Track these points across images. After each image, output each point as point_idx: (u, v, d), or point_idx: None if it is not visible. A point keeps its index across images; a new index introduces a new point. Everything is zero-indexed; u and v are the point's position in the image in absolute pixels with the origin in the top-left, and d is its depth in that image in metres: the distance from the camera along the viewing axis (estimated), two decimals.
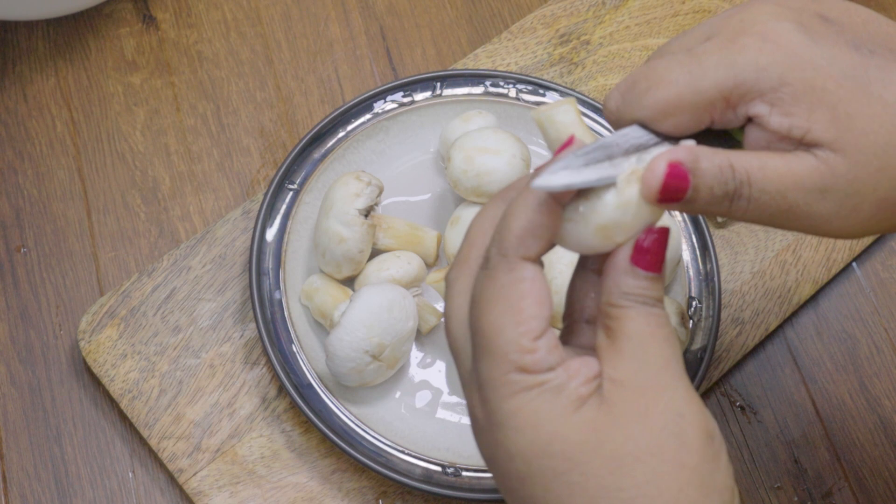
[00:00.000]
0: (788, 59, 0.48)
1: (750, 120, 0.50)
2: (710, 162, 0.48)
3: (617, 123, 0.51)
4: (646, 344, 0.47)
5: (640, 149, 0.49)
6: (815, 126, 0.48)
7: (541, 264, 0.48)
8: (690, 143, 0.49)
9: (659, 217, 0.49)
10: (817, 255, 0.82)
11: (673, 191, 0.47)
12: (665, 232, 0.48)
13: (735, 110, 0.49)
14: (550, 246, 0.48)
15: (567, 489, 0.46)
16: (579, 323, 0.51)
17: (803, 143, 0.49)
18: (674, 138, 0.50)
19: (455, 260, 0.51)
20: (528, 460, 0.46)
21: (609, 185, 0.47)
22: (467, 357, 0.49)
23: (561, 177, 0.46)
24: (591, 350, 0.49)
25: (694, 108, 0.49)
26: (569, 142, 0.48)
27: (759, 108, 0.49)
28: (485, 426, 0.48)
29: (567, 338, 0.51)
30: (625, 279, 0.47)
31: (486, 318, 0.47)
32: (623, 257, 0.47)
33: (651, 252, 0.47)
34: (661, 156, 0.47)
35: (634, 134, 0.49)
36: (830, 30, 0.49)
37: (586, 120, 0.82)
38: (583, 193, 0.48)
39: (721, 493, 0.46)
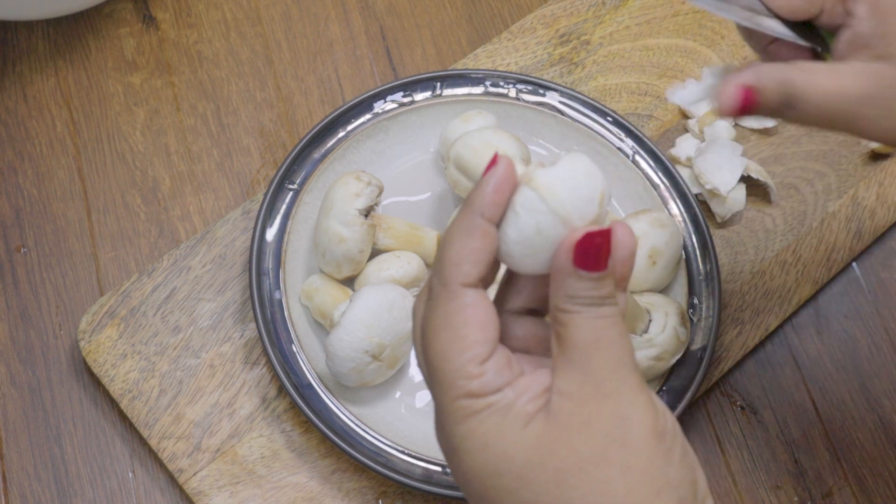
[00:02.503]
0: None
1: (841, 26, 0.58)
2: (770, 79, 0.55)
3: None
4: (591, 351, 0.47)
5: (749, 9, 0.58)
6: (876, 37, 0.56)
7: (484, 287, 0.48)
8: (759, 64, 0.57)
9: (601, 218, 0.48)
10: (817, 255, 0.82)
11: (744, 106, 0.56)
12: (605, 231, 0.47)
13: (844, 3, 0.57)
14: (490, 269, 0.48)
15: None
16: None
17: (872, 53, 0.56)
18: (782, 21, 0.59)
19: (420, 291, 0.51)
20: (481, 481, 0.47)
21: (508, 209, 0.47)
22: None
23: None
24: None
25: None
26: (493, 160, 0.48)
27: (859, 8, 0.57)
28: (445, 450, 0.49)
29: None
30: (569, 282, 0.47)
31: (433, 347, 0.48)
32: (565, 261, 0.47)
33: (593, 251, 0.46)
34: (732, 78, 0.56)
35: (752, 1, 0.58)
36: None
37: (586, 120, 0.83)
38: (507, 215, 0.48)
39: (676, 488, 0.46)
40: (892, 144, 0.59)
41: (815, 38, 0.60)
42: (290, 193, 0.78)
